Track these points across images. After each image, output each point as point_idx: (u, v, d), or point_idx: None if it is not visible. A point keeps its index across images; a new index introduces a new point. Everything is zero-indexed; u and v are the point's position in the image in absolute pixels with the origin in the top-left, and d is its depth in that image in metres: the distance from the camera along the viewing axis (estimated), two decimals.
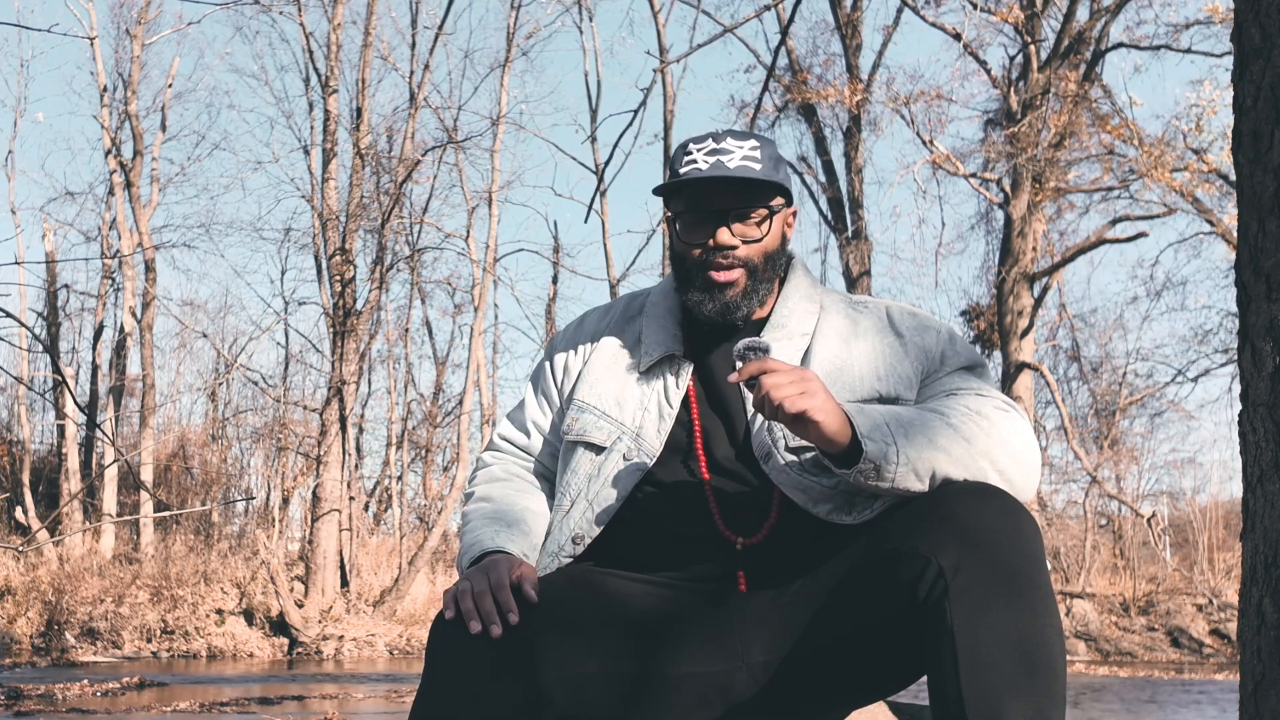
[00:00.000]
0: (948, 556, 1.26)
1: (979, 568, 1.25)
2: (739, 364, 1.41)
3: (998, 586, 1.24)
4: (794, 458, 1.47)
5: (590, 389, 1.61)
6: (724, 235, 1.54)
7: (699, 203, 1.56)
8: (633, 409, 1.57)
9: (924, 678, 1.35)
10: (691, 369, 1.58)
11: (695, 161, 1.55)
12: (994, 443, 1.42)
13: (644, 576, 1.50)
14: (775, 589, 1.45)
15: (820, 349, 1.56)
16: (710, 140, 1.57)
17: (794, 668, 1.40)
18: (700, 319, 1.60)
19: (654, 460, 1.53)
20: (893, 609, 1.31)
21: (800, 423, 1.34)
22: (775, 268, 1.60)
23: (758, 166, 1.54)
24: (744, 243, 1.55)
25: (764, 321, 1.61)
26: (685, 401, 1.56)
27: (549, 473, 1.69)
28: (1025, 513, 1.31)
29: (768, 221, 1.57)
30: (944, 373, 1.56)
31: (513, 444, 1.71)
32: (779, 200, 1.58)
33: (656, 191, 1.59)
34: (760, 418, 1.50)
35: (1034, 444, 1.47)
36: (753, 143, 1.57)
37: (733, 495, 1.50)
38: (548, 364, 1.71)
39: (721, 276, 1.54)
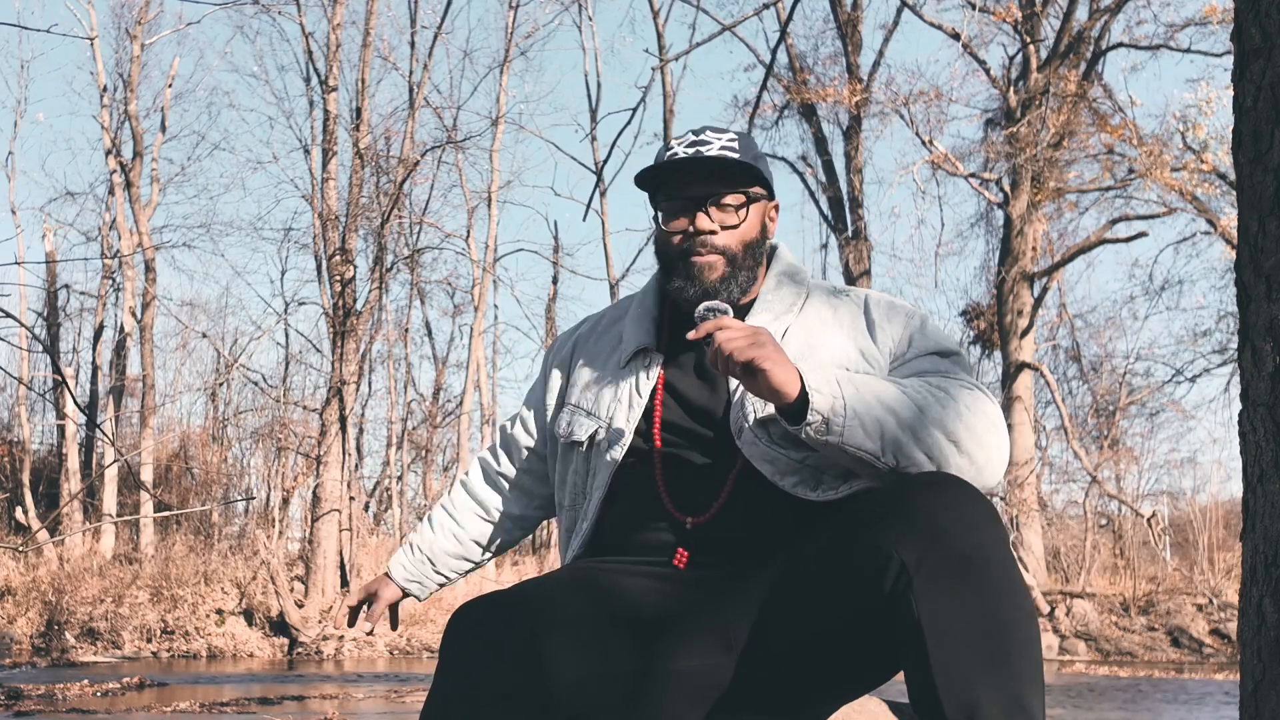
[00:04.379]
0: (909, 550, 1.26)
1: (940, 559, 1.25)
2: (698, 324, 1.45)
3: (960, 576, 1.25)
4: (763, 431, 1.49)
5: (579, 391, 1.69)
6: (702, 220, 1.58)
7: (678, 190, 1.61)
8: (608, 402, 1.63)
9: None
10: (662, 360, 1.63)
11: (675, 153, 1.60)
12: (948, 414, 1.42)
13: (636, 568, 1.53)
14: (752, 578, 1.45)
15: (796, 330, 1.60)
16: (690, 134, 1.63)
17: (779, 661, 1.41)
18: (684, 311, 1.63)
19: (624, 448, 1.59)
20: (862, 604, 1.31)
21: (750, 374, 1.37)
22: (755, 257, 1.63)
23: (735, 155, 1.58)
24: (722, 229, 1.59)
25: (749, 307, 1.64)
26: (652, 389, 1.61)
27: (539, 469, 1.82)
28: (983, 499, 1.31)
29: (745, 209, 1.61)
30: (910, 356, 1.58)
31: (513, 438, 1.84)
32: (757, 190, 1.62)
33: (638, 182, 1.64)
34: (737, 395, 1.54)
35: (997, 423, 1.47)
36: (730, 135, 1.62)
37: (685, 477, 1.54)
38: (543, 370, 1.83)
39: (700, 259, 1.59)
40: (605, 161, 3.81)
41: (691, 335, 1.42)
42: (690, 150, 1.58)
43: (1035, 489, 17.71)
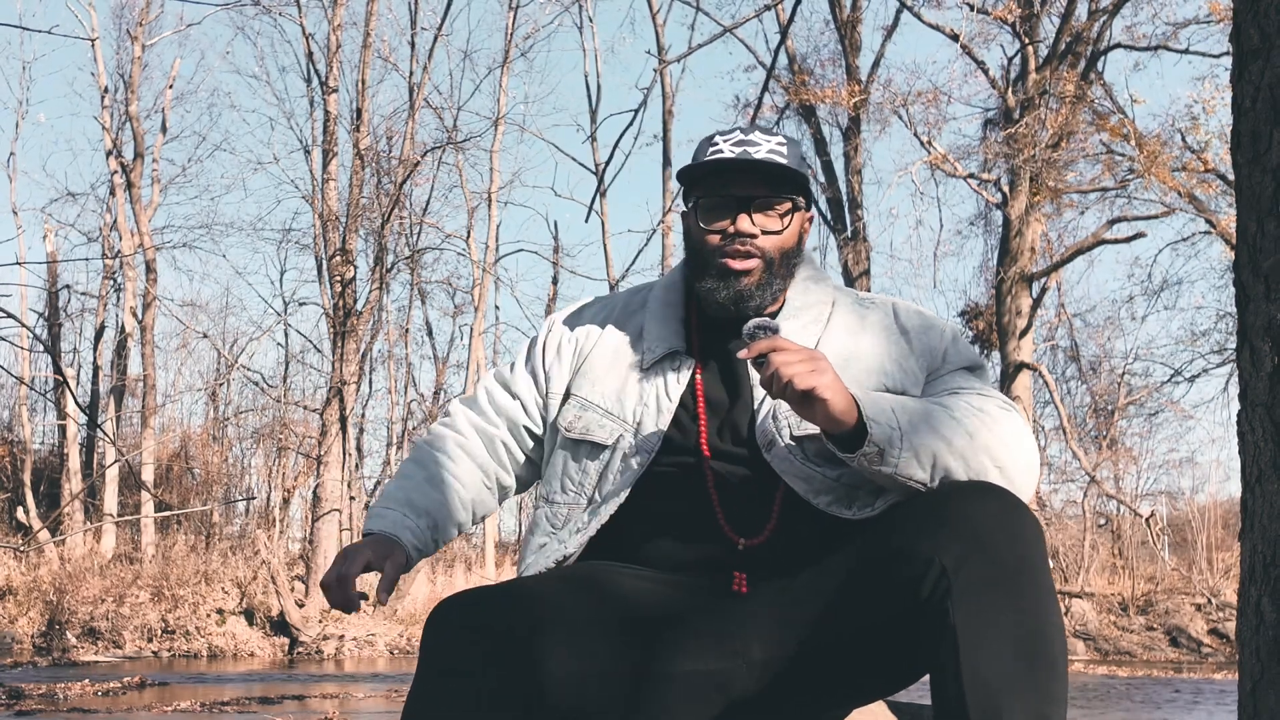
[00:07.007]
0: (950, 555, 1.25)
1: (981, 567, 1.25)
2: (749, 342, 1.40)
3: (1000, 585, 1.25)
4: (798, 447, 1.47)
5: (592, 386, 1.60)
6: (744, 222, 1.53)
7: (722, 188, 1.56)
8: (632, 405, 1.56)
9: (924, 677, 1.35)
10: (694, 365, 1.57)
11: (721, 150, 1.56)
12: (995, 439, 1.42)
13: (644, 573, 1.50)
14: (776, 587, 1.44)
15: (830, 339, 1.57)
16: (738, 132, 1.58)
17: (794, 666, 1.39)
18: (709, 314, 1.60)
19: (652, 455, 1.52)
20: (894, 608, 1.31)
21: (807, 401, 1.34)
22: (789, 267, 1.59)
23: (784, 160, 1.55)
24: (764, 233, 1.55)
25: (777, 313, 1.61)
26: (691, 397, 1.56)
27: (529, 450, 1.70)
28: (1027, 511, 1.31)
29: (789, 216, 1.57)
30: (946, 370, 1.57)
31: (495, 402, 1.71)
32: (801, 199, 1.59)
33: (680, 176, 1.59)
34: (766, 405, 1.50)
35: (1033, 445, 1.48)
36: (780, 138, 1.58)
37: (736, 495, 1.50)
38: (541, 343, 1.71)
39: (738, 264, 1.54)
40: (606, 163, 3.81)
41: (743, 354, 1.37)
42: (738, 150, 1.54)
43: (1034, 489, 17.69)
